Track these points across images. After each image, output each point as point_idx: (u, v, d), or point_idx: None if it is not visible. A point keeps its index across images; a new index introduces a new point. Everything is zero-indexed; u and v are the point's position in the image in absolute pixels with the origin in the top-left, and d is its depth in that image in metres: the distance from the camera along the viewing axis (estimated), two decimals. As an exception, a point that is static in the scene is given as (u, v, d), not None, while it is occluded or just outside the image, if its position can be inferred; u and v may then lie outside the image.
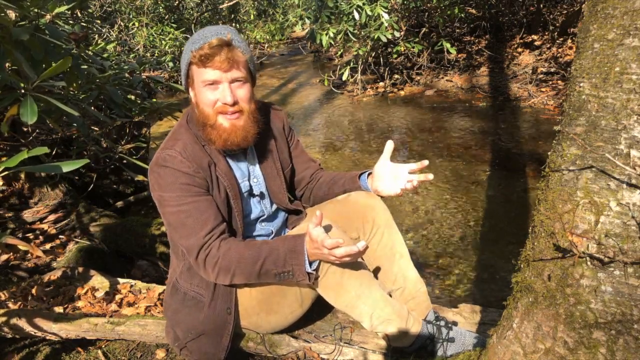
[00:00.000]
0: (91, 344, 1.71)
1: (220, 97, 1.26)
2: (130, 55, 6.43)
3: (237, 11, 10.96)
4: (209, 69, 1.23)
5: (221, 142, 1.29)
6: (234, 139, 1.29)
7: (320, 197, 1.59)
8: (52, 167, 1.33)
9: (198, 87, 1.27)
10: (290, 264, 1.24)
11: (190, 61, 1.26)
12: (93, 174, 3.08)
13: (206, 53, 1.21)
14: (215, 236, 1.28)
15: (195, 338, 1.40)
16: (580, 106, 0.84)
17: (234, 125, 1.28)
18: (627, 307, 0.81)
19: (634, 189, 0.77)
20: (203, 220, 1.27)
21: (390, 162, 1.44)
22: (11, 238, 1.36)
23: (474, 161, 3.83)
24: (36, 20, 1.66)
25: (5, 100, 1.51)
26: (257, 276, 1.27)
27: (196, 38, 1.25)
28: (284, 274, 1.25)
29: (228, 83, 1.25)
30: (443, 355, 1.40)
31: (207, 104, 1.27)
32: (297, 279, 1.25)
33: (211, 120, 1.28)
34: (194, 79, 1.28)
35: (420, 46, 5.80)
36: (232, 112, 1.28)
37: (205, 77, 1.24)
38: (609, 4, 0.79)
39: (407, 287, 1.50)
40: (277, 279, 1.27)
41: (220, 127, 1.28)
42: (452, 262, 2.56)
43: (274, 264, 1.24)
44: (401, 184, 1.41)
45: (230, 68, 1.24)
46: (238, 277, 1.29)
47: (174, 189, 1.27)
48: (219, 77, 1.24)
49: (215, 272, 1.29)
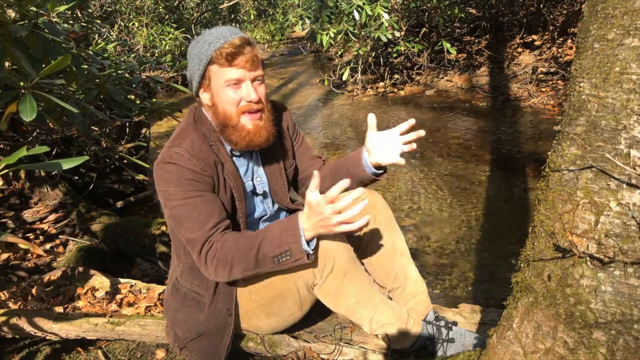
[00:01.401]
0: (91, 344, 1.71)
1: (245, 95, 1.25)
2: (131, 55, 6.42)
3: (237, 11, 10.96)
4: (233, 68, 1.22)
5: (244, 144, 1.29)
6: (258, 139, 1.29)
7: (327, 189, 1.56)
8: (52, 164, 1.33)
9: (218, 87, 1.25)
10: (286, 243, 1.19)
11: (211, 61, 1.23)
12: (93, 173, 3.08)
13: (231, 52, 1.20)
14: (219, 230, 1.27)
15: (196, 338, 1.40)
16: (580, 106, 0.84)
17: (257, 126, 1.28)
18: (627, 307, 0.81)
19: (634, 189, 0.77)
20: (209, 214, 1.26)
21: (379, 132, 1.38)
22: (12, 236, 1.36)
23: (474, 161, 3.83)
24: (35, 19, 1.66)
25: (4, 97, 1.51)
26: (254, 264, 1.22)
27: (212, 38, 1.23)
28: (281, 255, 1.20)
29: (250, 81, 1.25)
30: (443, 355, 1.40)
31: (230, 103, 1.26)
32: (294, 257, 1.19)
33: (234, 120, 1.27)
34: (212, 79, 1.26)
35: (420, 46, 5.79)
36: (255, 111, 1.27)
37: (230, 76, 1.23)
38: (609, 4, 0.79)
39: (408, 286, 1.50)
40: (274, 263, 1.21)
41: (244, 129, 1.28)
42: (452, 262, 2.56)
43: (270, 246, 1.20)
44: (397, 149, 1.35)
45: (253, 67, 1.24)
46: (236, 269, 1.24)
47: (180, 184, 1.26)
48: (243, 75, 1.23)
49: (214, 266, 1.25)
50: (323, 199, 1.11)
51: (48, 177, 2.69)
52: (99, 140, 2.82)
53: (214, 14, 9.85)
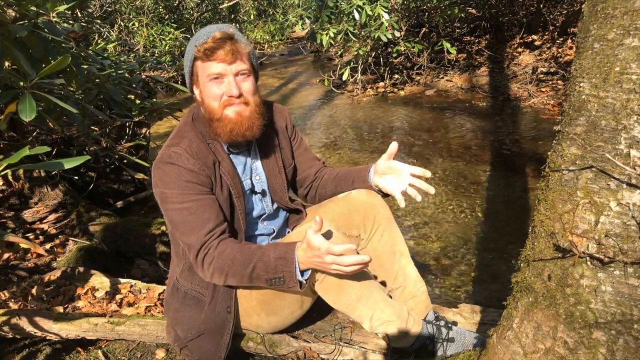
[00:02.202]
0: (91, 344, 1.71)
1: (226, 90, 1.27)
2: (130, 55, 6.42)
3: (237, 11, 10.96)
4: (213, 63, 1.24)
5: (227, 133, 1.29)
6: (239, 128, 1.29)
7: (327, 195, 1.57)
8: (53, 164, 1.33)
9: (203, 82, 1.28)
10: (280, 270, 1.22)
11: (195, 56, 1.27)
12: (93, 173, 3.08)
13: (210, 46, 1.22)
14: (215, 235, 1.28)
15: (196, 337, 1.40)
16: (580, 106, 0.84)
17: (240, 115, 1.29)
18: (627, 307, 0.81)
19: (634, 189, 0.77)
20: (205, 219, 1.27)
21: (393, 161, 1.43)
22: (13, 236, 1.36)
23: (474, 161, 3.83)
24: (35, 19, 1.66)
25: (3, 97, 1.51)
26: (249, 279, 1.26)
27: (199, 35, 1.27)
28: (275, 279, 1.23)
29: (233, 76, 1.26)
30: (443, 355, 1.40)
31: (213, 97, 1.28)
32: (287, 285, 1.23)
33: (217, 114, 1.29)
34: (199, 75, 1.29)
35: (420, 46, 5.79)
36: (237, 104, 1.29)
37: (210, 70, 1.25)
38: (609, 4, 0.79)
39: (408, 286, 1.50)
40: (268, 284, 1.26)
41: (226, 118, 1.29)
42: (452, 262, 2.56)
43: (265, 269, 1.23)
44: (402, 186, 1.41)
45: (234, 60, 1.25)
46: (231, 279, 1.28)
47: (177, 186, 1.27)
48: (224, 70, 1.25)
49: (210, 272, 1.28)
50: (325, 250, 1.13)
51: (48, 177, 2.69)
52: (99, 140, 2.82)
53: (214, 14, 9.85)
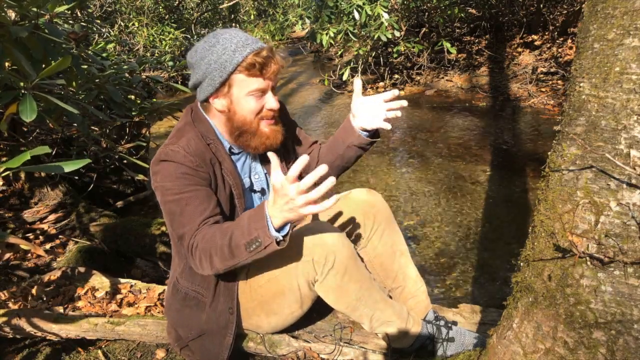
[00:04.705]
0: (91, 344, 1.71)
1: (266, 104, 1.30)
2: (130, 55, 6.43)
3: (237, 11, 10.97)
4: (260, 79, 1.25)
5: (263, 147, 1.34)
6: (275, 142, 1.35)
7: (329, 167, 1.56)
8: (53, 167, 1.33)
9: (240, 95, 1.27)
10: (254, 229, 1.15)
11: (237, 69, 1.23)
12: (93, 173, 3.08)
13: (263, 62, 1.23)
14: (208, 224, 1.26)
15: (197, 337, 1.40)
16: (580, 106, 0.84)
17: (274, 130, 1.34)
18: (627, 307, 0.81)
19: (634, 189, 0.77)
20: (202, 209, 1.26)
21: (364, 98, 1.43)
22: (13, 237, 1.36)
23: (474, 161, 3.83)
24: (35, 20, 1.66)
25: (4, 98, 1.51)
26: (229, 253, 1.19)
27: (234, 46, 1.22)
28: (252, 242, 1.16)
29: (271, 90, 1.30)
30: (443, 355, 1.40)
31: (252, 111, 1.29)
32: (264, 244, 1.15)
33: (253, 127, 1.31)
34: (234, 87, 1.26)
35: (420, 46, 5.79)
36: (271, 117, 1.33)
37: (257, 86, 1.26)
38: (609, 4, 0.79)
39: (407, 286, 1.50)
40: (248, 251, 1.17)
41: (263, 134, 1.33)
42: (452, 262, 2.56)
43: (241, 234, 1.17)
44: (381, 115, 1.39)
45: (275, 77, 1.29)
46: (215, 259, 1.21)
47: (175, 178, 1.26)
48: (267, 85, 1.28)
49: (198, 258, 1.23)
50: (286, 179, 1.08)
51: (48, 177, 2.69)
52: (99, 141, 2.82)
53: (214, 14, 9.85)
